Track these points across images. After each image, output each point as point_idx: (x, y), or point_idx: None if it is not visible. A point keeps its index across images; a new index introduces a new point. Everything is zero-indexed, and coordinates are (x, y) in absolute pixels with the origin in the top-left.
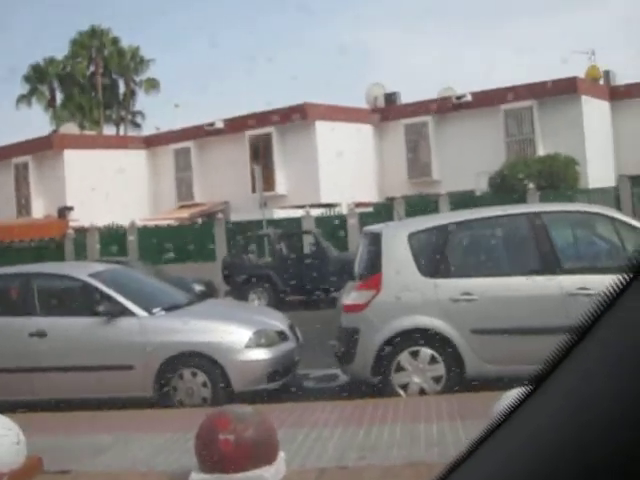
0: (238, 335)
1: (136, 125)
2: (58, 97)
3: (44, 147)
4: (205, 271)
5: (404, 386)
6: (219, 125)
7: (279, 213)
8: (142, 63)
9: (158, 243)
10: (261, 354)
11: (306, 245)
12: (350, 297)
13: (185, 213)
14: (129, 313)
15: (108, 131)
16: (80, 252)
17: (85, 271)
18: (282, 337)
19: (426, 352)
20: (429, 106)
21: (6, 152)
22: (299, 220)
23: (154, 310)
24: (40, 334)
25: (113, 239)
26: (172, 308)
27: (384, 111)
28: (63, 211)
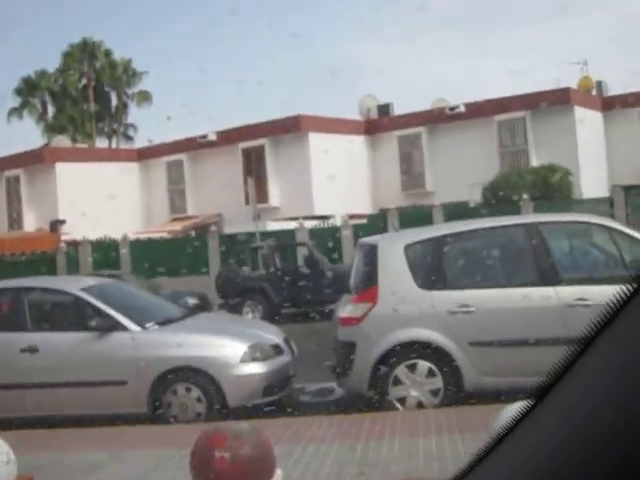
0: (233, 349)
1: (128, 138)
2: (50, 110)
3: (36, 160)
4: (198, 284)
5: (402, 400)
6: (212, 137)
7: (272, 225)
8: (134, 76)
9: (151, 256)
10: (256, 368)
11: (300, 257)
12: (346, 310)
13: (178, 226)
14: (122, 328)
15: (100, 144)
16: (72, 266)
17: (77, 285)
18: (277, 351)
19: (423, 365)
20: (422, 117)
21: None
22: (293, 232)
23: (147, 324)
24: (32, 350)
25: (105, 252)
26: (165, 322)
27: (377, 122)
28: (55, 224)
